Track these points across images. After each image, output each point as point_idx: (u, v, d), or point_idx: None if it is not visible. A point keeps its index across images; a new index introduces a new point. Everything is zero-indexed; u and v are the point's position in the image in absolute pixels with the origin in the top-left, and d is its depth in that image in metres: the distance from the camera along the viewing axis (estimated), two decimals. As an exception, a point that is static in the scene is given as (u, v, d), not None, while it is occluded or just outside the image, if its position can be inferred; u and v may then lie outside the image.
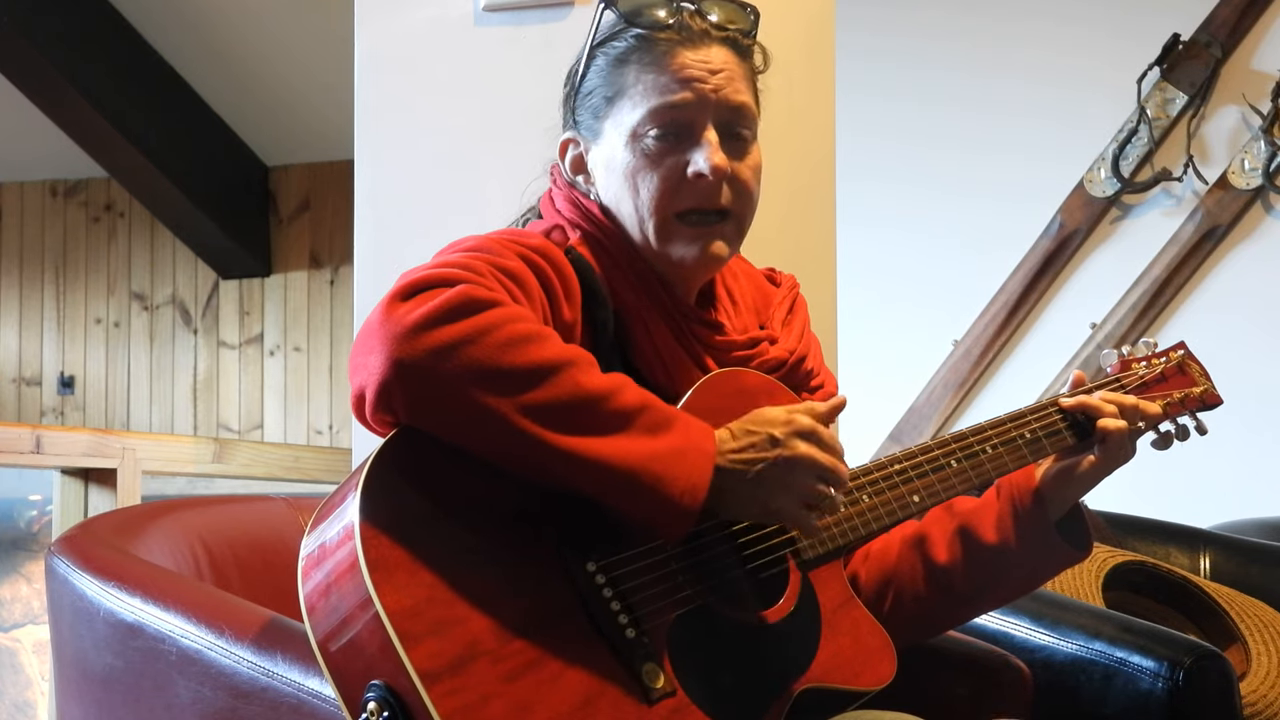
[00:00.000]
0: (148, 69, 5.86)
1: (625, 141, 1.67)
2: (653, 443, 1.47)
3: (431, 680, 1.35)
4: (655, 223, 1.67)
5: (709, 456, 1.50)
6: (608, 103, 1.69)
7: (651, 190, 1.66)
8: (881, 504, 1.70)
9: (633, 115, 1.67)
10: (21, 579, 4.19)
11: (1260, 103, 4.43)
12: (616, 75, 1.68)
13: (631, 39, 1.68)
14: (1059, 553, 1.80)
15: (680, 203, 1.67)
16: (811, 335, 1.85)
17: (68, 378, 6.66)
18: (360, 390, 1.45)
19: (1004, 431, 1.79)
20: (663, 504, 1.46)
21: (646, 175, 1.66)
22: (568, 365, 1.46)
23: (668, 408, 1.51)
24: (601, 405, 1.46)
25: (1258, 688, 2.44)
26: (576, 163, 1.74)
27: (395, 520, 1.41)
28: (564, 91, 1.76)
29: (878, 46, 4.86)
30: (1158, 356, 1.95)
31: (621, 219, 1.70)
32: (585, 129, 1.72)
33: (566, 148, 1.74)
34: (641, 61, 1.67)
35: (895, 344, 4.75)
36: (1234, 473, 4.30)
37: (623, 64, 1.68)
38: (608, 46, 1.70)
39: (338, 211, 6.30)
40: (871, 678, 1.65)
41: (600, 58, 1.70)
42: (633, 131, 1.67)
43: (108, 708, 1.74)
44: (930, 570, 1.81)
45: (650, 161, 1.66)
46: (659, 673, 1.48)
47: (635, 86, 1.67)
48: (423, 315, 1.42)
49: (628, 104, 1.67)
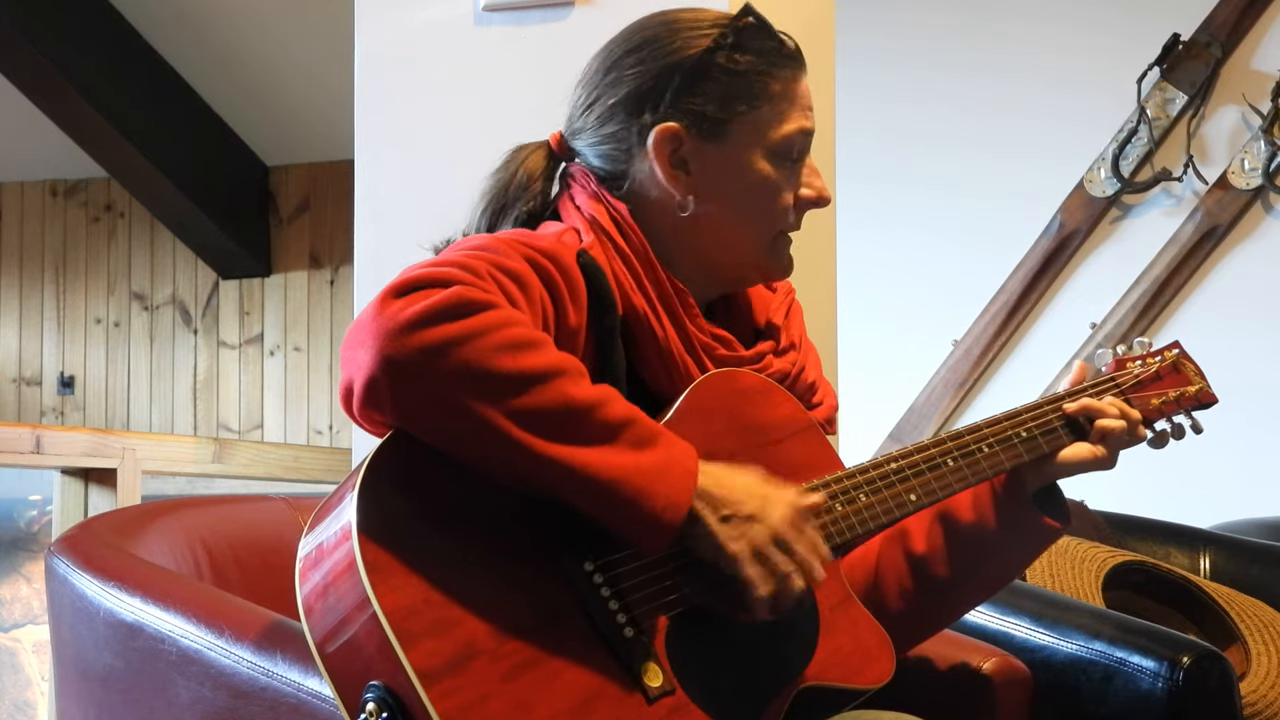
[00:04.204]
0: (148, 69, 5.86)
1: (760, 153, 1.68)
2: (637, 456, 1.46)
3: (430, 680, 1.35)
4: (768, 237, 1.71)
5: (691, 475, 1.49)
6: (749, 108, 1.67)
7: (778, 206, 1.70)
8: (878, 503, 1.69)
9: (775, 130, 1.68)
10: (21, 579, 4.19)
11: (1260, 103, 4.43)
12: (762, 84, 1.68)
13: (773, 50, 1.69)
14: (1036, 526, 1.79)
15: (789, 223, 1.73)
16: (809, 344, 1.85)
17: (68, 378, 6.66)
18: (348, 383, 1.45)
19: (1000, 430, 1.78)
20: (642, 517, 1.46)
21: (778, 191, 1.70)
22: (557, 374, 1.45)
23: (653, 423, 1.51)
24: (588, 416, 1.46)
25: (1258, 688, 2.44)
26: (674, 157, 1.68)
27: (393, 521, 1.41)
28: (650, 80, 1.68)
29: (877, 47, 4.85)
30: (1152, 355, 1.95)
31: (720, 223, 1.69)
32: (699, 127, 1.67)
33: (666, 138, 1.67)
34: (781, 77, 1.69)
35: (895, 344, 4.75)
36: (1234, 473, 4.30)
37: (766, 75, 1.68)
38: (749, 51, 1.68)
39: (338, 211, 6.30)
40: (870, 676, 1.65)
41: (738, 60, 1.67)
42: (772, 145, 1.68)
43: (108, 708, 1.74)
44: (912, 562, 1.80)
45: (785, 179, 1.70)
46: (658, 671, 1.48)
47: (779, 102, 1.68)
48: (415, 314, 1.42)
49: (769, 117, 1.68)
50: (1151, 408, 1.89)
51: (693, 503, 1.49)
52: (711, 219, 1.69)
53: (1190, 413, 1.93)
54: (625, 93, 1.69)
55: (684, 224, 1.69)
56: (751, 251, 1.71)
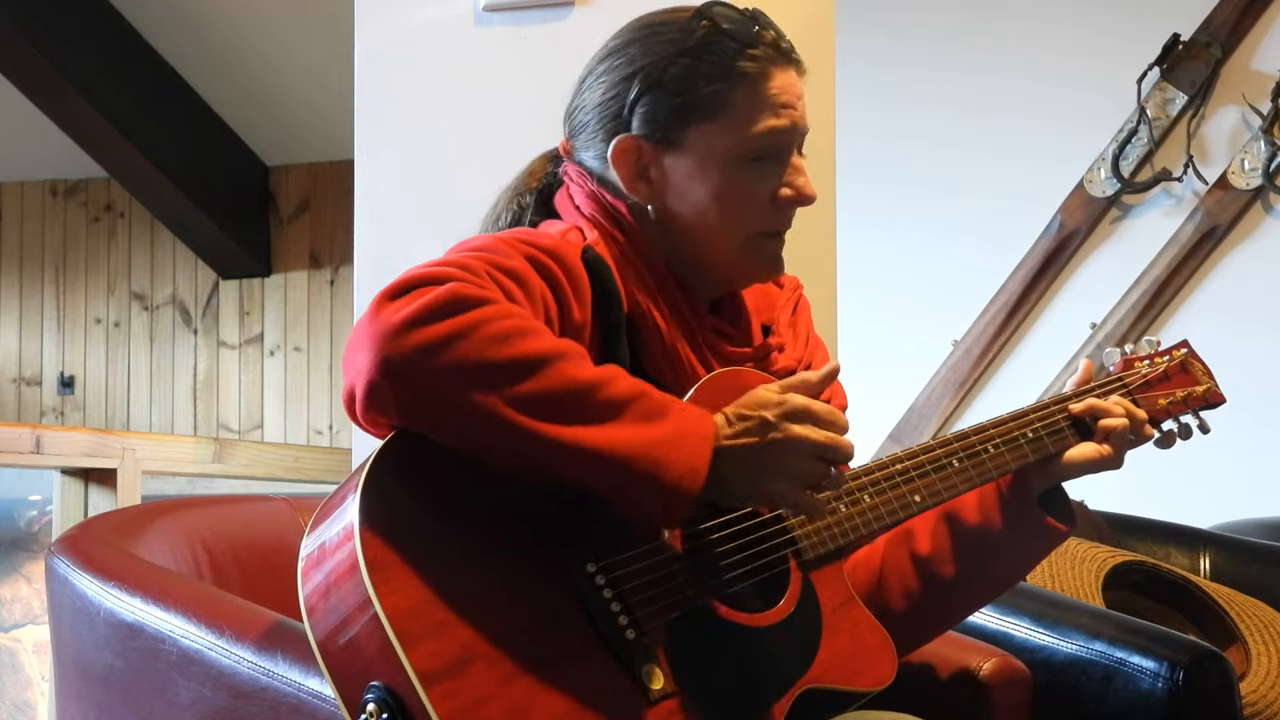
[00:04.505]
0: (148, 69, 5.86)
1: (719, 160, 1.65)
2: (648, 430, 1.46)
3: (430, 681, 1.35)
4: (741, 240, 1.68)
5: (708, 439, 1.49)
6: (700, 116, 1.65)
7: (747, 211, 1.67)
8: (883, 503, 1.69)
9: (732, 136, 1.65)
10: (21, 579, 4.19)
11: (1260, 103, 4.43)
12: (713, 90, 1.64)
13: (728, 53, 1.65)
14: (1042, 527, 1.79)
15: (768, 224, 1.69)
16: (817, 339, 1.84)
17: (68, 378, 6.66)
18: (350, 389, 1.45)
19: (1006, 430, 1.78)
20: (660, 490, 1.45)
21: (743, 196, 1.66)
22: (557, 357, 1.45)
23: (664, 395, 1.50)
24: (592, 395, 1.45)
25: (1258, 688, 2.44)
26: (636, 168, 1.68)
27: (395, 521, 1.41)
28: (611, 88, 1.69)
29: (877, 47, 4.85)
30: (1160, 355, 1.94)
31: (691, 230, 1.68)
32: (656, 136, 1.66)
33: (625, 150, 1.67)
34: (739, 80, 1.64)
35: (895, 344, 4.75)
36: (1234, 473, 4.30)
37: (719, 80, 1.64)
38: (698, 58, 1.65)
39: (338, 211, 6.30)
40: (872, 678, 1.65)
41: (688, 68, 1.65)
42: (730, 151, 1.65)
43: (108, 708, 1.74)
44: (917, 562, 1.80)
45: (750, 184, 1.66)
46: (658, 673, 1.48)
47: (736, 106, 1.64)
48: (410, 314, 1.42)
49: (726, 122, 1.65)
50: (1159, 408, 1.89)
51: (714, 465, 1.48)
52: (679, 224, 1.68)
53: (1197, 413, 1.93)
54: (595, 101, 1.71)
55: (661, 227, 1.69)
56: (725, 254, 1.69)
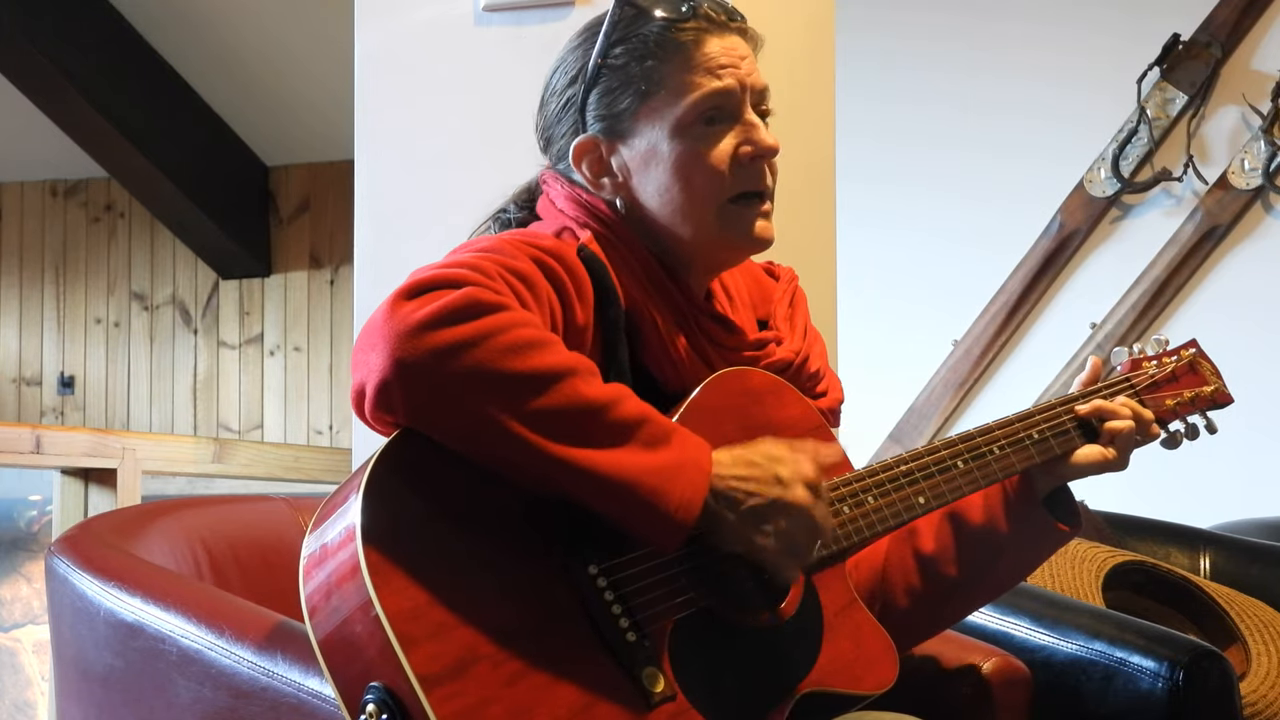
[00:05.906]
0: (148, 69, 5.86)
1: (668, 135, 1.65)
2: (650, 456, 1.46)
3: (430, 684, 1.35)
4: (713, 210, 1.66)
5: (705, 474, 1.49)
6: (640, 99, 1.65)
7: (707, 177, 1.65)
8: (887, 505, 1.69)
9: (675, 108, 1.64)
10: (21, 579, 4.19)
11: (1260, 103, 4.43)
12: (646, 70, 1.65)
13: (656, 31, 1.65)
14: (1047, 529, 1.79)
15: (735, 186, 1.67)
16: (815, 332, 1.84)
17: (68, 378, 6.66)
18: (360, 386, 1.45)
19: (1011, 432, 1.77)
20: (657, 518, 1.46)
21: (700, 164, 1.65)
22: (569, 374, 1.45)
23: (667, 422, 1.51)
24: (601, 416, 1.45)
25: (1258, 688, 2.44)
26: (598, 166, 1.69)
27: (397, 522, 1.41)
28: (562, 95, 1.71)
29: (877, 47, 4.85)
30: (1169, 355, 1.94)
31: (663, 215, 1.67)
32: (608, 130, 1.68)
33: (584, 151, 1.69)
34: (672, 53, 1.65)
35: (895, 344, 4.75)
36: (1234, 473, 4.29)
37: (650, 58, 1.65)
38: (628, 43, 1.66)
39: (338, 211, 6.30)
40: (873, 681, 1.65)
41: (620, 55, 1.66)
42: (677, 123, 1.65)
43: (108, 708, 1.74)
44: (921, 561, 1.80)
45: (703, 150, 1.65)
46: (659, 676, 1.48)
47: (672, 79, 1.64)
48: (426, 315, 1.42)
49: (666, 97, 1.64)
50: (1166, 408, 1.88)
51: (708, 501, 1.48)
52: (650, 212, 1.68)
53: (1205, 413, 1.92)
54: (553, 112, 1.72)
55: (639, 221, 1.69)
56: (703, 230, 1.67)
